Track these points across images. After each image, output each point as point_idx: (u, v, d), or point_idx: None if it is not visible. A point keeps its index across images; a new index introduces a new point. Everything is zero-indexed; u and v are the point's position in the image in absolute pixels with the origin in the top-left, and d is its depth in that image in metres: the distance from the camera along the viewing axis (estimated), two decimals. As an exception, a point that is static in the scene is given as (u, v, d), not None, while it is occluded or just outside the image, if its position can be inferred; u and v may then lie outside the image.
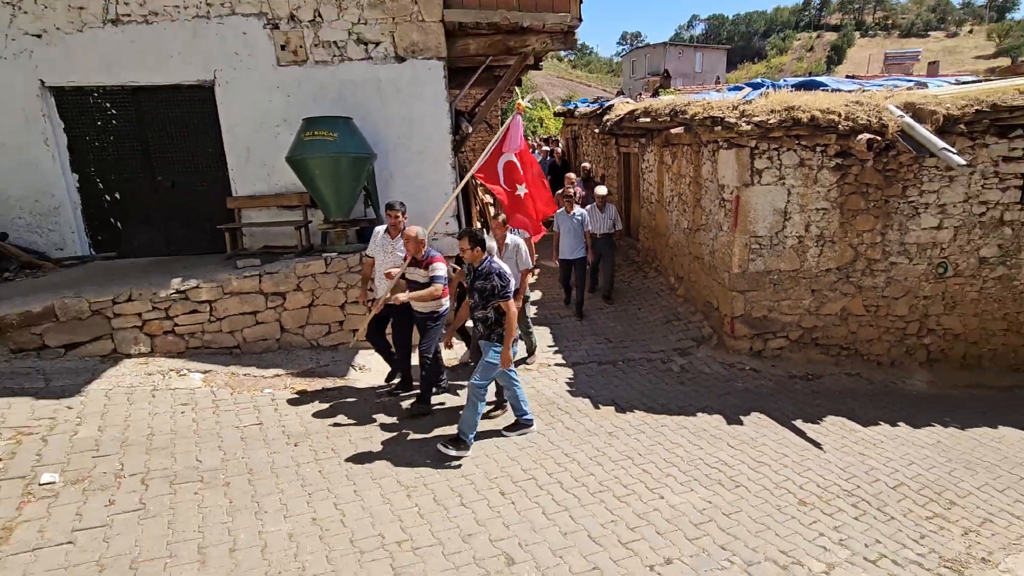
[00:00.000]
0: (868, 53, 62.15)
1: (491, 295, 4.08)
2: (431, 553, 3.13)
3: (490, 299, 4.09)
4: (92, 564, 2.87)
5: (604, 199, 7.49)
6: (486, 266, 4.11)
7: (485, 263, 4.12)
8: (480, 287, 4.11)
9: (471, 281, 4.21)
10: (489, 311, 4.14)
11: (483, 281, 4.09)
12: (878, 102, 5.80)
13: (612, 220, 7.56)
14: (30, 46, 5.39)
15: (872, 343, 6.37)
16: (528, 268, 5.34)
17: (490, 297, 4.09)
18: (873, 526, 3.76)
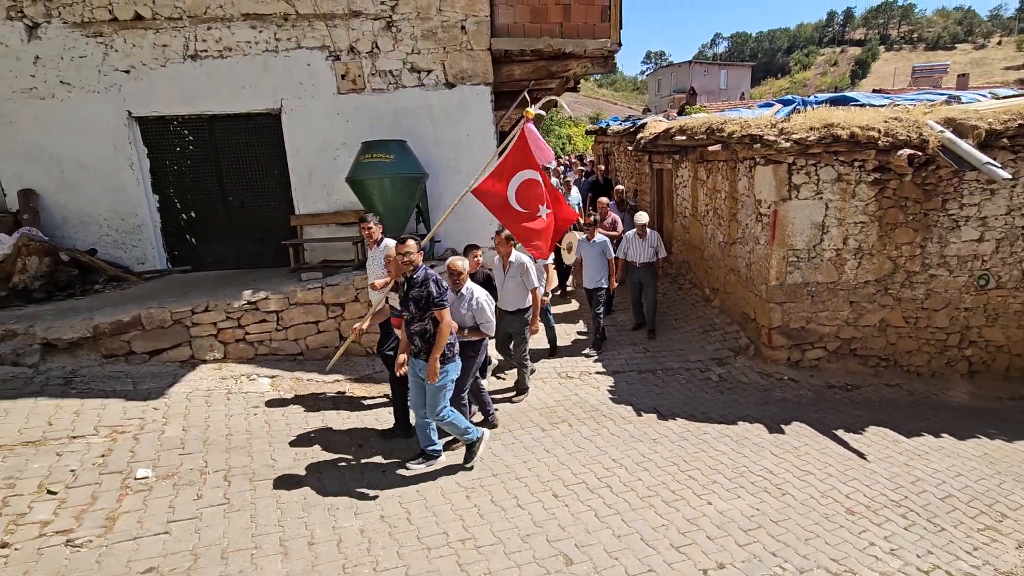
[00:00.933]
0: (893, 67, 61.31)
1: (427, 304, 3.78)
2: (493, 551, 3.33)
3: (426, 309, 3.79)
4: (187, 553, 3.16)
5: (644, 227, 6.99)
6: (420, 274, 3.82)
7: (420, 271, 3.84)
8: (415, 296, 3.81)
9: (405, 292, 3.90)
10: (427, 323, 3.83)
11: (418, 289, 3.80)
12: (917, 118, 5.89)
13: (654, 248, 7.09)
14: (120, 81, 5.93)
15: (912, 354, 6.38)
16: (535, 288, 5.18)
17: (426, 307, 3.79)
18: (924, 537, 3.80)
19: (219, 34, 5.94)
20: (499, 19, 6.17)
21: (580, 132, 33.24)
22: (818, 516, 3.91)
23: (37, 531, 3.16)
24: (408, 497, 3.80)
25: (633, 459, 4.48)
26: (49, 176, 6.14)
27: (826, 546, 3.59)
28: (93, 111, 6.02)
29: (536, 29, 6.22)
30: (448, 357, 3.96)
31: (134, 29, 5.89)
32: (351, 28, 6.02)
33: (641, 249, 7.05)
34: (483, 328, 4.39)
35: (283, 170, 6.37)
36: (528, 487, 4.00)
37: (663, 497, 3.97)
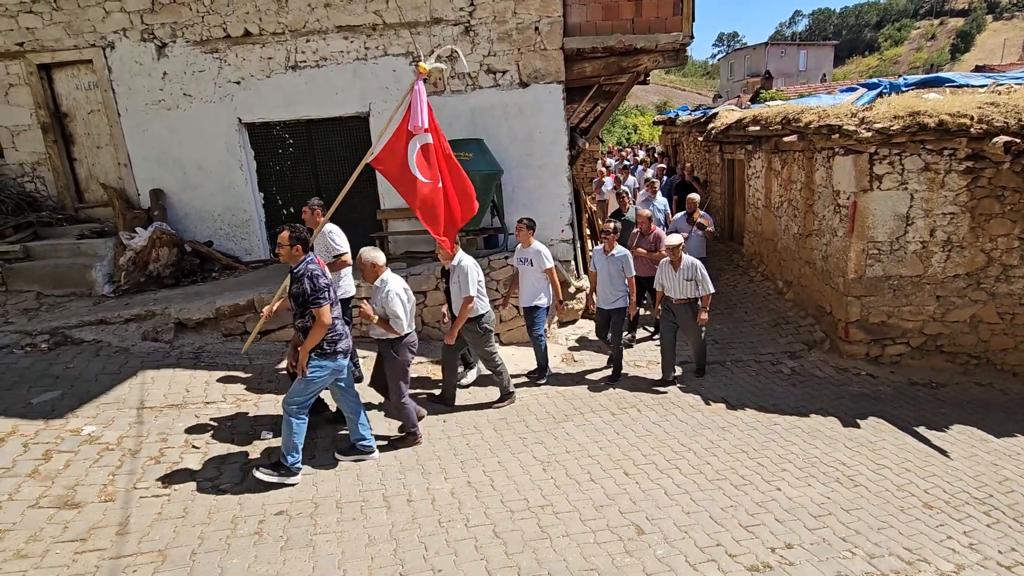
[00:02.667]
0: (1003, 38, 55.27)
1: (304, 301, 3.65)
2: (570, 518, 3.63)
3: (305, 306, 3.66)
4: (308, 501, 3.68)
5: (678, 251, 5.51)
6: (301, 268, 3.68)
7: (301, 264, 3.69)
8: (295, 292, 3.70)
9: (290, 285, 3.81)
10: (308, 320, 3.71)
11: (297, 285, 3.67)
12: (1017, 102, 5.57)
13: (694, 282, 5.51)
14: (232, 91, 6.67)
15: (1007, 352, 6.07)
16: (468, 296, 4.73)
17: (304, 304, 3.66)
18: (1008, 534, 3.74)
19: (316, 46, 6.53)
20: (571, 18, 6.38)
21: (647, 121, 32.62)
22: (893, 508, 3.92)
23: (190, 476, 3.80)
24: (491, 466, 4.18)
25: (702, 444, 4.62)
26: (174, 177, 7.01)
27: (900, 536, 3.61)
28: (209, 119, 6.81)
29: (608, 26, 6.38)
30: (326, 353, 3.77)
31: (244, 44, 6.60)
32: (433, 35, 6.43)
33: (675, 282, 5.58)
34: (392, 324, 4.12)
35: (370, 169, 6.90)
36: (600, 464, 4.27)
37: (731, 481, 4.11)
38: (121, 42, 6.66)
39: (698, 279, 5.52)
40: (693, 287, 5.55)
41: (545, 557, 3.18)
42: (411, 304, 4.34)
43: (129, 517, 3.32)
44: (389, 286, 4.14)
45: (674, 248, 5.52)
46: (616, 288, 5.69)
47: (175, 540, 3.18)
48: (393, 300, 4.10)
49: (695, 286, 5.55)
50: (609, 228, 5.71)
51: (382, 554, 3.16)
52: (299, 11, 6.44)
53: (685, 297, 5.58)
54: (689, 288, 5.55)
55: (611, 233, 5.66)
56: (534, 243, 5.47)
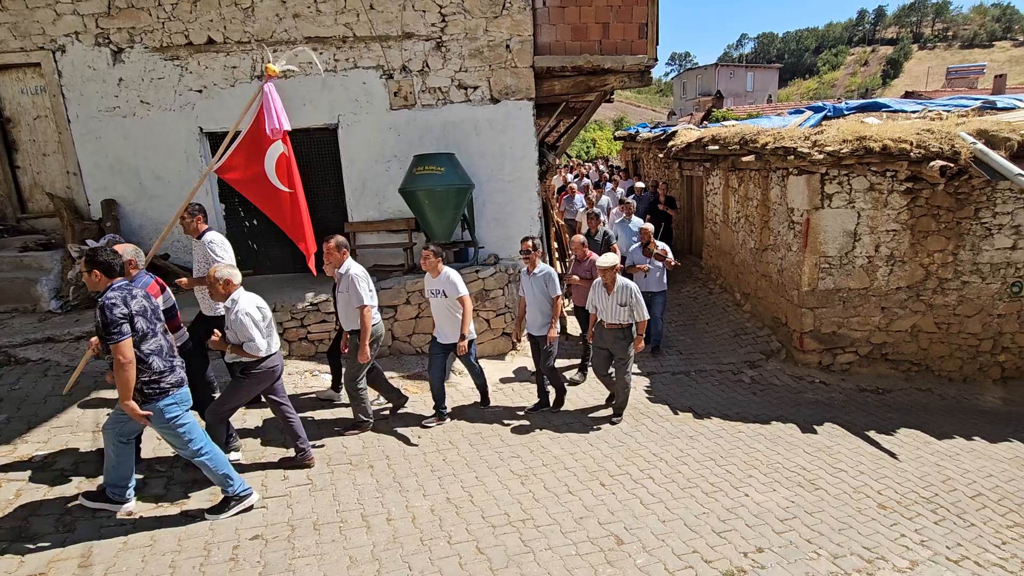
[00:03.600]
0: (927, 66, 60.13)
1: (101, 337, 3.11)
2: (551, 530, 3.67)
3: (105, 339, 3.06)
4: (284, 524, 3.57)
5: (611, 272, 5.01)
6: (102, 297, 3.11)
7: (105, 292, 3.13)
8: (96, 323, 3.14)
9: None
10: (109, 357, 3.16)
11: (97, 316, 3.10)
12: (949, 129, 6.07)
13: (629, 307, 5.03)
14: (193, 100, 6.47)
15: (944, 360, 6.54)
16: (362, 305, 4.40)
17: (102, 340, 3.11)
18: (954, 531, 4.02)
19: (283, 56, 6.42)
20: (541, 38, 6.54)
21: (606, 136, 33.48)
22: (851, 510, 4.14)
23: (154, 504, 3.62)
24: (469, 482, 4.17)
25: (672, 454, 4.77)
26: (129, 187, 6.71)
27: (859, 536, 3.83)
28: (169, 127, 6.57)
29: (576, 47, 6.57)
30: (152, 395, 3.20)
31: (207, 52, 6.42)
32: (404, 49, 6.45)
33: (608, 305, 5.10)
34: (246, 348, 3.69)
35: (338, 180, 6.84)
36: (576, 476, 4.33)
37: (702, 488, 4.26)
38: (73, 46, 6.35)
39: (632, 304, 5.04)
40: (627, 312, 5.06)
41: (530, 571, 3.21)
42: (267, 321, 3.84)
43: (92, 548, 3.13)
44: (238, 306, 3.69)
45: (606, 269, 5.01)
46: (544, 311, 5.15)
47: (144, 570, 3.03)
48: (242, 322, 3.64)
49: (629, 312, 5.06)
50: (529, 246, 5.09)
51: (365, 575, 3.10)
52: (266, 20, 6.34)
53: (618, 322, 5.10)
54: (623, 313, 5.06)
55: (532, 251, 5.10)
56: (444, 271, 4.91)
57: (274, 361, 3.92)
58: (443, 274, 4.94)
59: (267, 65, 4.35)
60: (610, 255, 5.21)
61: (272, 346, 3.90)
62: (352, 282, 4.45)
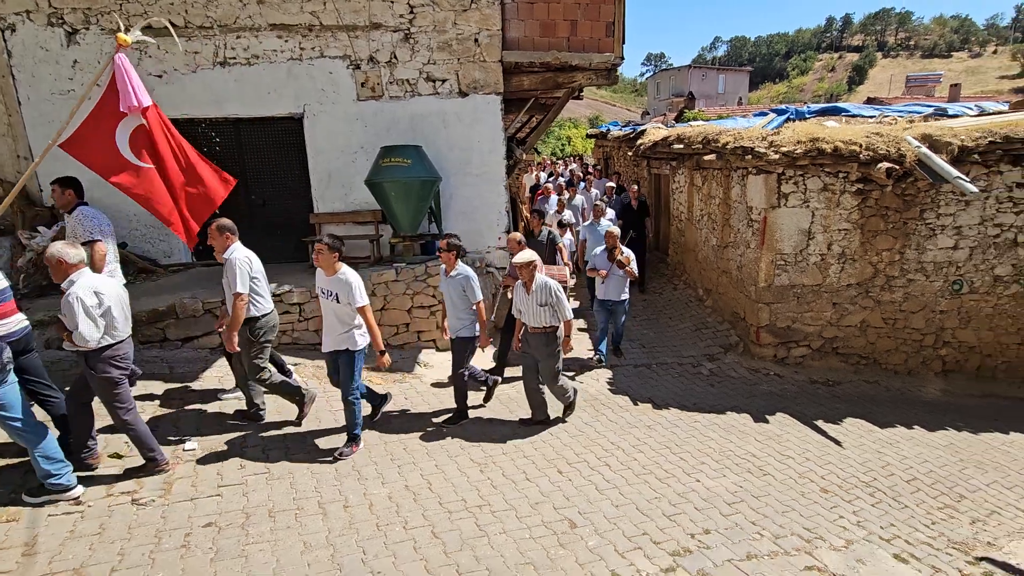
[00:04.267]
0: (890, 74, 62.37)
1: None
2: (507, 516, 3.75)
3: None
4: (239, 512, 3.57)
5: (528, 268, 4.62)
6: None
7: None
8: None
9: None
10: None
11: None
12: (897, 133, 6.36)
13: (550, 307, 4.63)
14: (153, 85, 6.29)
15: (890, 353, 6.86)
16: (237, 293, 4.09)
17: None
18: (888, 512, 4.25)
19: (247, 43, 6.33)
20: (510, 33, 6.59)
21: (580, 134, 33.74)
22: (795, 494, 4.34)
23: (105, 491, 3.57)
24: (428, 470, 4.22)
25: (629, 442, 4.91)
26: (84, 172, 6.50)
27: (800, 518, 4.02)
28: (127, 112, 6.39)
29: (545, 43, 6.65)
30: None
31: (167, 37, 6.26)
32: (371, 39, 6.43)
33: (529, 306, 4.70)
34: (74, 336, 3.38)
35: (304, 171, 6.78)
36: (535, 464, 4.43)
37: (656, 475, 4.40)
38: (24, 25, 6.14)
39: (553, 303, 4.62)
40: (549, 314, 4.64)
41: (483, 554, 3.28)
42: (103, 308, 3.45)
43: (37, 536, 3.08)
44: (71, 288, 3.36)
45: (522, 266, 4.59)
46: (459, 315, 4.77)
47: (92, 558, 2.99)
48: (71, 306, 3.30)
49: (551, 313, 4.65)
50: (443, 244, 4.70)
51: (319, 560, 3.13)
52: (229, 6, 6.23)
53: (540, 326, 4.68)
54: (544, 315, 4.63)
55: (446, 251, 4.67)
56: (341, 270, 4.16)
57: (121, 348, 3.57)
58: (340, 274, 4.13)
59: (118, 35, 3.91)
60: (525, 252, 4.73)
61: (112, 336, 3.52)
62: (232, 267, 4.13)
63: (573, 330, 4.96)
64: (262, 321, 4.35)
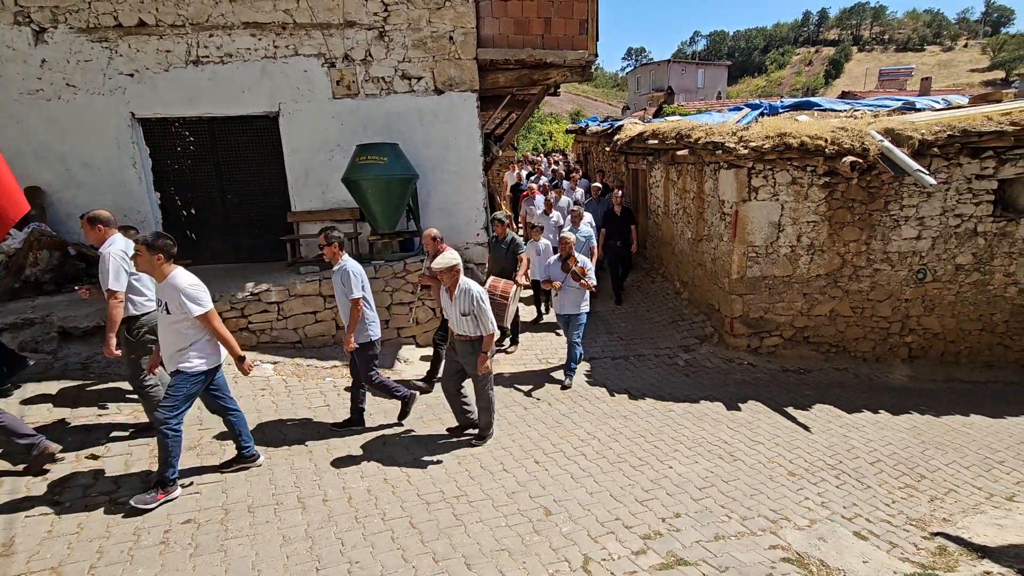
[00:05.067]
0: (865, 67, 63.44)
1: None
2: (483, 505, 3.84)
3: None
4: (218, 508, 3.61)
5: (449, 274, 4.23)
6: None
7: None
8: None
9: None
10: None
11: None
12: (861, 128, 6.55)
13: (472, 316, 4.26)
14: (124, 84, 6.26)
15: (858, 341, 7.08)
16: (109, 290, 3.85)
17: None
18: (852, 493, 4.43)
19: (220, 41, 6.30)
20: (485, 31, 6.65)
21: (561, 129, 33.85)
22: (763, 478, 4.50)
23: (82, 492, 3.58)
24: (407, 464, 4.30)
25: (606, 432, 5.03)
26: (55, 174, 6.44)
27: (768, 500, 4.18)
28: (98, 112, 6.34)
29: (519, 40, 6.72)
30: None
31: (138, 35, 6.22)
32: (346, 37, 6.43)
33: (452, 313, 4.36)
34: None
35: (280, 169, 6.78)
36: (512, 455, 4.53)
37: (630, 463, 4.53)
38: (-11, 23, 6.04)
39: (475, 312, 4.22)
40: (472, 323, 4.26)
41: (459, 542, 3.37)
42: None
43: (14, 537, 3.10)
44: None
45: (442, 271, 4.17)
46: (345, 313, 4.43)
47: (70, 556, 3.02)
48: None
49: (473, 322, 4.25)
50: (321, 239, 4.39)
51: (298, 552, 3.20)
52: (201, 3, 6.19)
53: (466, 334, 4.34)
54: (467, 324, 4.27)
55: (326, 244, 4.35)
56: (174, 273, 3.52)
57: None
58: (169, 279, 3.50)
59: None
60: (449, 253, 4.30)
61: None
62: (103, 262, 3.85)
63: (493, 346, 4.38)
64: (143, 320, 4.00)
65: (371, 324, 4.56)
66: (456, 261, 4.28)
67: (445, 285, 4.34)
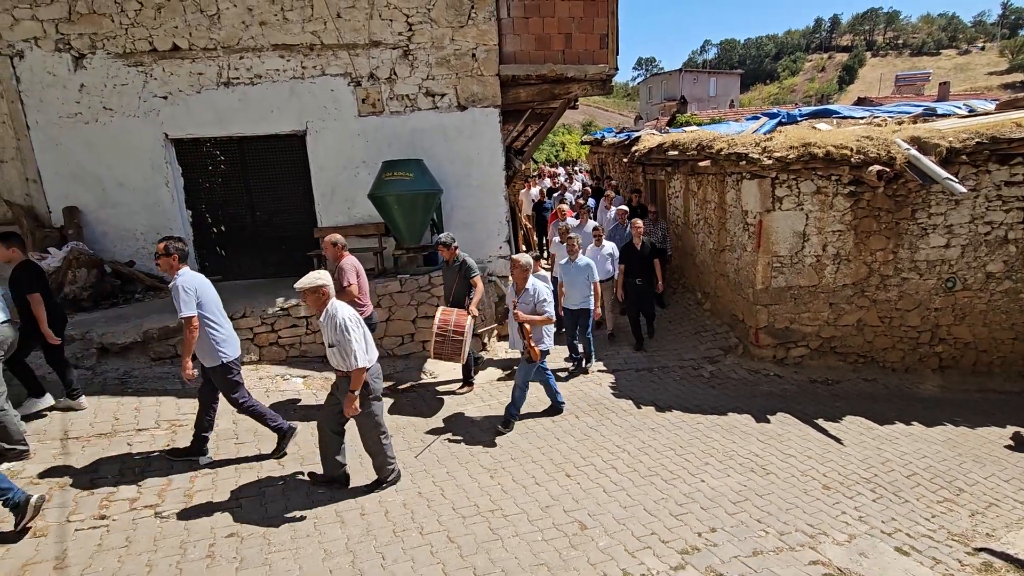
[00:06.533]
0: (879, 73, 62.86)
1: None
2: (519, 519, 3.85)
3: None
4: (259, 521, 3.67)
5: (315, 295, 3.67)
6: None
7: None
8: None
9: None
10: None
11: None
12: (886, 136, 6.51)
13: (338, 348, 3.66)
14: (158, 106, 6.46)
15: (887, 351, 6.98)
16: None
17: None
18: (889, 507, 4.35)
19: (250, 63, 6.48)
20: (507, 47, 6.75)
21: (574, 140, 34.02)
22: (798, 491, 4.44)
23: (128, 506, 3.67)
24: (440, 477, 4.33)
25: (635, 445, 5.01)
26: (92, 194, 6.64)
27: (804, 514, 4.12)
28: (133, 134, 6.55)
29: (540, 56, 6.81)
30: None
31: (172, 59, 6.42)
32: (371, 57, 6.58)
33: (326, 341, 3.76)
34: None
35: (307, 186, 6.92)
36: (543, 468, 4.53)
37: (662, 476, 4.51)
38: (32, 51, 6.28)
39: (339, 344, 3.60)
40: (338, 356, 3.66)
41: (498, 556, 3.38)
42: None
43: (67, 551, 3.18)
44: None
45: (305, 291, 3.62)
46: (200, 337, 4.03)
47: (121, 570, 3.09)
48: None
49: (340, 355, 3.65)
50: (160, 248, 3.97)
51: (340, 567, 3.23)
52: (232, 28, 6.38)
53: (339, 369, 3.76)
54: (334, 357, 3.70)
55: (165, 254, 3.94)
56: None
57: None
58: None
59: None
60: (314, 273, 3.69)
61: None
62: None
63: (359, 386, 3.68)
64: None
65: (222, 344, 4.04)
66: (321, 282, 3.61)
67: (311, 309, 3.76)
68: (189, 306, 3.88)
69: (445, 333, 4.70)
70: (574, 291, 6.25)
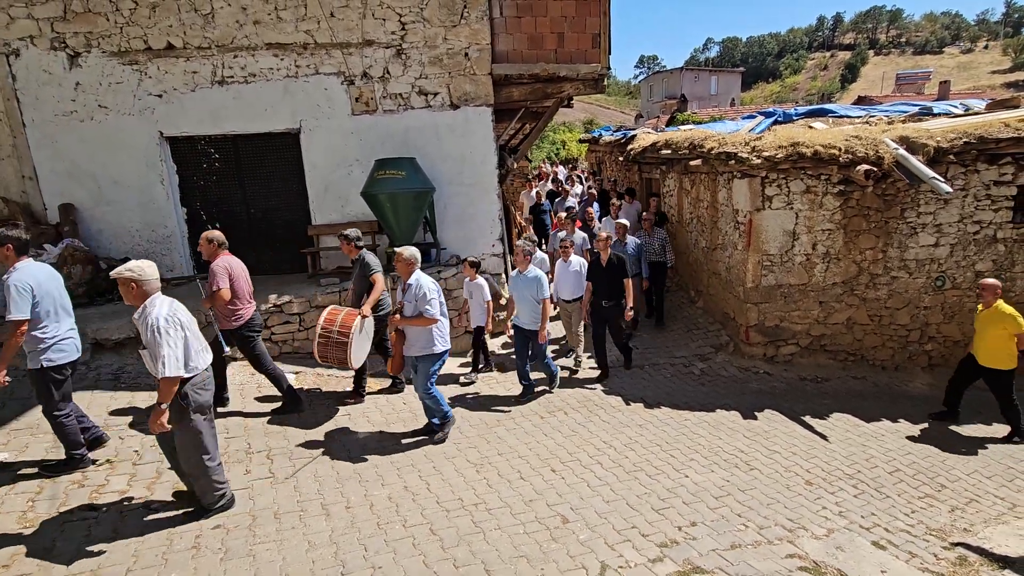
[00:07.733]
0: (882, 71, 62.63)
1: None
2: (502, 512, 3.91)
3: None
4: (245, 514, 3.73)
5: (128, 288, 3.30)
6: None
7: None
8: None
9: None
10: None
11: None
12: (875, 136, 6.55)
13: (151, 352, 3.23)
14: (153, 104, 6.52)
15: (876, 349, 7.03)
16: None
17: None
18: (870, 503, 4.41)
19: (244, 62, 6.54)
20: (499, 47, 6.80)
21: (574, 138, 34.03)
22: (780, 487, 4.50)
23: (118, 497, 3.74)
24: (426, 472, 4.39)
25: (622, 441, 5.07)
26: (87, 191, 6.71)
27: (784, 509, 4.18)
28: (128, 132, 6.61)
29: (533, 55, 6.86)
30: None
31: (166, 57, 6.48)
32: (365, 56, 6.63)
33: None
34: None
35: (301, 184, 6.97)
36: (529, 463, 4.59)
37: (646, 471, 4.56)
38: (28, 50, 6.34)
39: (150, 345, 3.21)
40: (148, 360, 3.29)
41: (479, 548, 3.45)
42: None
43: (55, 541, 3.25)
44: None
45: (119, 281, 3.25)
46: None
47: (107, 560, 3.16)
48: None
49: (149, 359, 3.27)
50: None
51: (323, 557, 3.30)
52: (227, 27, 6.43)
53: None
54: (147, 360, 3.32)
55: None
56: None
57: None
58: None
59: None
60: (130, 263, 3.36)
61: None
62: None
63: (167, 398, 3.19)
64: None
65: (47, 345, 3.70)
66: (129, 274, 3.19)
67: (127, 301, 3.33)
68: (20, 308, 3.50)
69: (329, 334, 4.37)
70: (522, 307, 5.57)
